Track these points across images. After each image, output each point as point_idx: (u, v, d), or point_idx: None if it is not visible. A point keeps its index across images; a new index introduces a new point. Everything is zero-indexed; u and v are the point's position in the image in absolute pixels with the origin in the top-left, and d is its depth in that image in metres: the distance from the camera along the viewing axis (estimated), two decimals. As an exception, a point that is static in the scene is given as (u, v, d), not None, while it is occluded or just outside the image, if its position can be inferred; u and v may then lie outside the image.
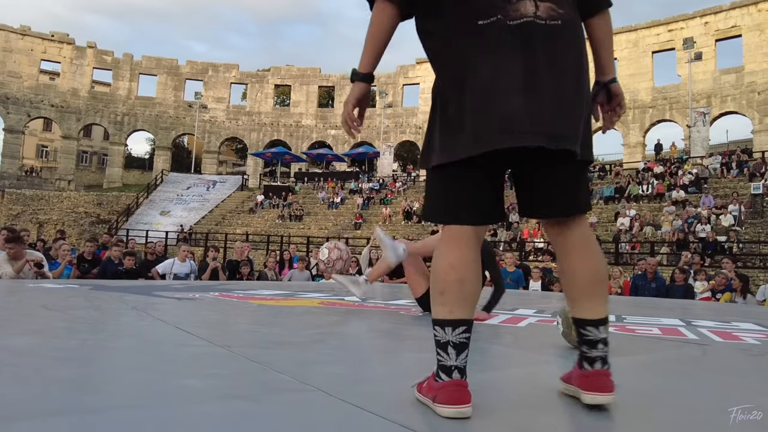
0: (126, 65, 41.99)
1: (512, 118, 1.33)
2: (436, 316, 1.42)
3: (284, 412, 1.33)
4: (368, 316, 3.76)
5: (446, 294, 1.40)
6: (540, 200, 1.47)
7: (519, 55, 1.34)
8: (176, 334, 2.54)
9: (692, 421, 1.46)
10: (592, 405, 1.42)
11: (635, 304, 6.35)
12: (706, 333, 3.44)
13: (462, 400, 1.34)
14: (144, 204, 33.27)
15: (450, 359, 1.37)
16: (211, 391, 1.50)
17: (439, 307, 1.41)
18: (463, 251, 1.43)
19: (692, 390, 1.78)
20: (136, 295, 4.65)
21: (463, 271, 1.41)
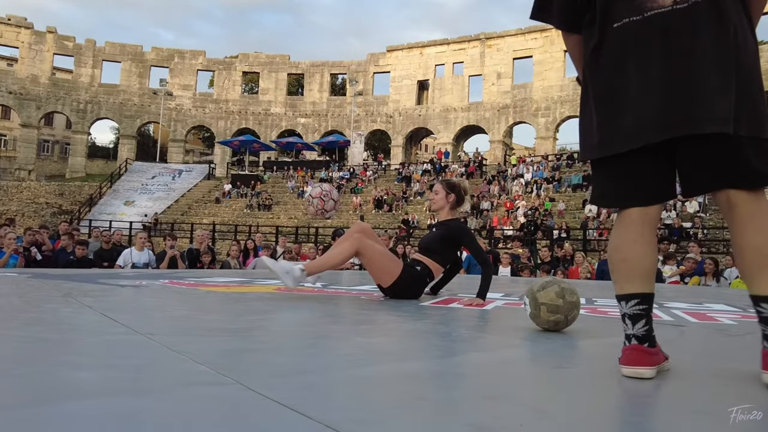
0: (88, 51, 40.60)
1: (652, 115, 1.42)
2: (615, 292, 1.56)
3: (181, 411, 1.06)
4: (324, 301, 3.49)
5: (614, 272, 1.55)
6: (693, 178, 1.50)
7: (653, 49, 1.43)
8: (97, 322, 2.23)
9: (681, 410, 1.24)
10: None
11: (604, 287, 6.21)
12: (681, 314, 3.28)
13: (639, 361, 1.46)
14: (107, 194, 32.34)
15: (628, 328, 1.51)
16: (102, 385, 1.22)
17: (614, 284, 1.56)
18: (627, 233, 1.53)
19: (669, 373, 1.56)
20: (78, 282, 4.30)
21: (625, 250, 1.52)
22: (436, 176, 29.10)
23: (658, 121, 1.41)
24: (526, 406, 1.20)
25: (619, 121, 1.47)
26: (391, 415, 1.09)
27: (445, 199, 3.92)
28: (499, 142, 36.91)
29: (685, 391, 1.42)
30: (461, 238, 3.86)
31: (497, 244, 18.11)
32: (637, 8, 1.45)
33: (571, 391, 1.39)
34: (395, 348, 1.91)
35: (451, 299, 3.72)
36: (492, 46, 37.90)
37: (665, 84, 1.41)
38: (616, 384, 1.46)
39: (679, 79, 1.40)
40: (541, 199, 22.26)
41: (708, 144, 1.41)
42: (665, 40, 1.42)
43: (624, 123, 1.46)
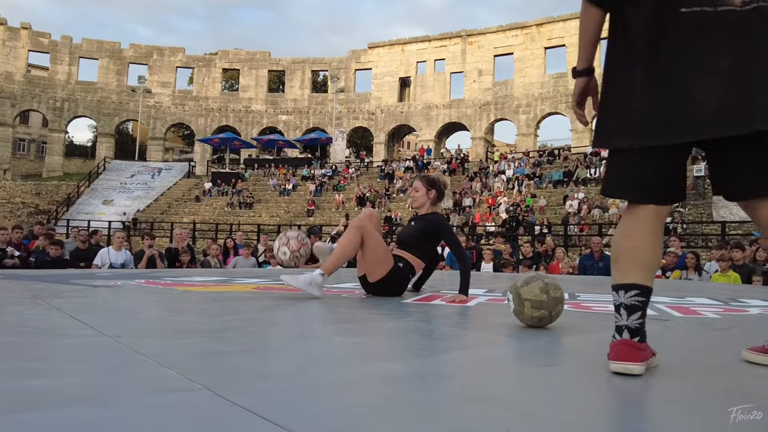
0: (65, 48, 39.85)
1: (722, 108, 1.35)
2: (612, 281, 1.51)
3: (142, 419, 0.97)
4: (304, 299, 3.40)
5: (619, 260, 1.50)
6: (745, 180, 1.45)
7: (725, 43, 1.36)
8: (63, 324, 2.13)
9: (667, 409, 1.19)
10: None
11: (585, 282, 6.21)
12: (664, 308, 3.26)
13: (629, 357, 1.41)
14: (85, 193, 31.80)
15: (621, 319, 1.46)
16: (57, 394, 1.13)
17: (614, 273, 1.51)
18: (639, 224, 1.49)
19: (656, 370, 1.52)
20: (49, 283, 4.16)
21: (637, 239, 1.48)
22: (419, 173, 29.08)
23: (730, 114, 1.35)
24: (512, 408, 1.14)
25: (678, 110, 1.39)
26: (368, 421, 1.02)
27: (426, 195, 3.86)
28: (480, 139, 36.99)
29: (674, 389, 1.36)
30: (440, 232, 3.80)
31: (479, 240, 18.12)
32: (710, 0, 1.39)
33: (559, 390, 1.33)
34: (375, 348, 1.84)
35: (434, 296, 3.66)
36: (473, 43, 37.95)
37: (738, 77, 1.35)
38: (605, 382, 1.41)
39: (753, 74, 1.35)
40: (523, 196, 22.34)
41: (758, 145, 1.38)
42: (738, 34, 1.37)
43: (685, 113, 1.39)
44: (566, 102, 34.73)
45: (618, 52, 1.52)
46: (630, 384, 1.39)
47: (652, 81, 1.43)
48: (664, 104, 1.41)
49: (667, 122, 1.40)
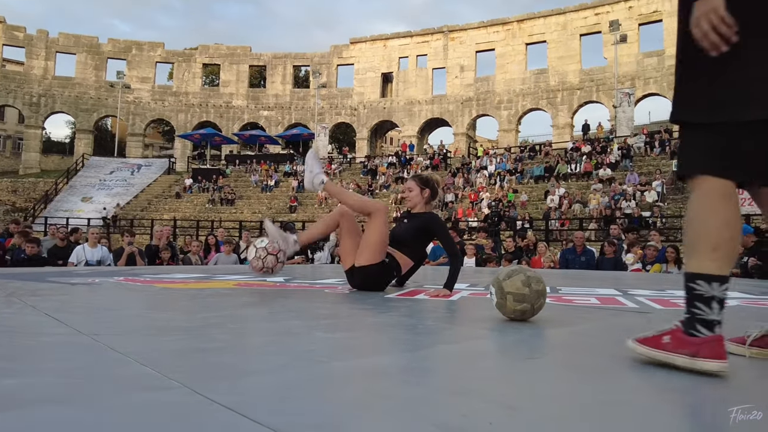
0: (41, 42, 39.14)
1: None
2: (704, 270, 1.35)
3: (118, 420, 0.95)
4: (287, 295, 3.37)
5: (719, 250, 1.35)
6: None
7: None
8: (37, 322, 2.08)
9: (649, 396, 1.19)
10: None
11: (567, 276, 6.25)
12: (645, 301, 3.28)
13: (724, 354, 1.32)
14: (64, 190, 31.31)
15: (713, 313, 1.34)
16: (30, 393, 1.10)
17: (708, 263, 1.35)
18: (735, 209, 1.36)
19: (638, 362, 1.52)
20: (25, 281, 4.08)
21: (735, 229, 1.37)
22: (402, 169, 29.08)
23: None
24: (496, 402, 1.13)
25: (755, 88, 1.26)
26: (350, 417, 1.00)
27: (420, 195, 3.87)
28: (462, 135, 37.10)
29: (660, 379, 1.37)
30: (435, 229, 3.81)
31: (462, 235, 18.18)
32: None
33: (542, 383, 1.33)
34: (358, 343, 1.83)
35: (417, 291, 3.65)
36: (455, 39, 38.01)
37: None
38: (589, 375, 1.41)
39: None
40: (505, 191, 22.46)
41: None
42: None
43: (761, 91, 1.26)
44: (547, 98, 34.99)
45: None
46: (614, 377, 1.40)
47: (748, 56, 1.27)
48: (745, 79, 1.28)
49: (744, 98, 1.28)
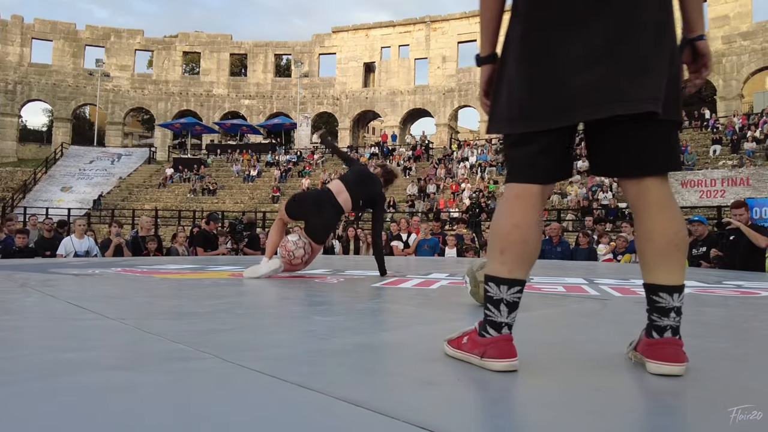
0: (16, 28, 38.45)
1: (574, 94, 1.33)
2: (493, 273, 1.41)
3: (173, 380, 1.23)
4: (280, 285, 3.66)
5: (506, 253, 1.40)
6: (611, 160, 1.44)
7: (589, 23, 1.32)
8: (65, 309, 2.34)
9: (588, 365, 1.50)
10: (657, 374, 1.36)
11: (542, 266, 6.61)
12: (607, 289, 3.62)
13: (511, 353, 1.37)
14: (43, 180, 31.00)
15: (501, 316, 1.39)
16: (92, 363, 1.38)
17: (497, 266, 1.40)
18: (527, 212, 1.42)
19: (592, 338, 1.84)
20: (28, 272, 4.30)
21: (527, 232, 1.40)
22: (384, 159, 29.34)
23: (592, 98, 1.32)
24: (463, 367, 1.44)
25: (547, 95, 1.36)
26: (352, 376, 1.30)
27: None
28: (444, 126, 37.45)
29: (590, 352, 1.68)
30: (377, 200, 4.52)
31: (444, 226, 18.55)
32: None
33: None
34: (351, 324, 2.12)
35: (401, 280, 3.96)
36: (437, 30, 38.24)
37: (599, 58, 1.32)
38: (540, 348, 1.72)
39: (614, 55, 1.31)
40: (486, 182, 22.86)
41: (633, 125, 1.36)
42: (602, 11, 1.32)
43: (554, 98, 1.35)
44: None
45: (509, 35, 1.46)
46: (559, 349, 1.71)
47: (525, 67, 1.39)
48: (537, 90, 1.37)
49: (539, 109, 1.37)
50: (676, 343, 1.38)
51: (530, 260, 1.43)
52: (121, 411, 1.01)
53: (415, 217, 11.62)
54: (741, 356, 1.71)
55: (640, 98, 1.31)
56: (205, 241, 8.96)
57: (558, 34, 1.35)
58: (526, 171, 1.43)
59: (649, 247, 1.41)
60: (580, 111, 1.34)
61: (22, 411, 1.01)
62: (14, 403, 1.06)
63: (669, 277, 1.38)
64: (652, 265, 1.40)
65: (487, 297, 1.42)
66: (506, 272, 1.39)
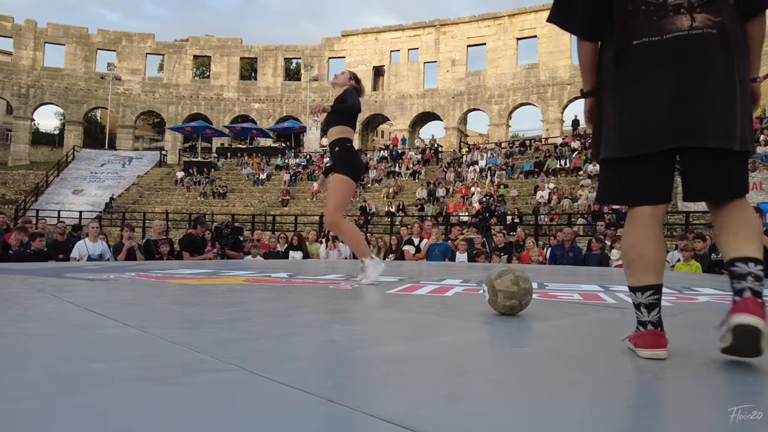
0: (29, 33, 38.89)
1: (664, 125, 1.60)
2: (629, 284, 1.74)
3: (202, 392, 1.24)
4: (295, 291, 3.67)
5: (631, 267, 1.71)
6: (698, 186, 1.69)
7: (672, 68, 1.60)
8: (85, 316, 2.36)
9: (613, 379, 1.49)
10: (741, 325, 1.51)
11: (555, 272, 6.59)
12: (624, 297, 3.59)
13: (657, 344, 1.66)
14: (55, 183, 31.27)
15: (643, 316, 1.69)
16: (121, 374, 1.38)
17: (629, 277, 1.73)
18: (640, 230, 1.70)
19: (611, 350, 1.82)
20: (44, 277, 4.33)
21: (642, 248, 1.69)
22: (393, 163, 29.36)
23: (676, 130, 1.59)
24: (488, 380, 1.43)
25: (643, 126, 1.63)
26: (380, 389, 1.30)
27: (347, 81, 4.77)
28: (454, 129, 37.43)
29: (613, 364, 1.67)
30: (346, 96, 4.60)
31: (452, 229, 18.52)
32: (657, 30, 1.62)
33: (526, 366, 1.63)
34: (371, 334, 2.12)
35: (415, 287, 3.95)
36: (446, 33, 38.25)
37: (683, 98, 1.58)
38: (561, 360, 1.71)
39: (694, 95, 1.58)
40: (495, 186, 22.81)
41: (713, 156, 1.60)
42: (683, 59, 1.59)
43: (649, 128, 1.61)
44: (538, 93, 35.36)
45: (603, 76, 1.77)
46: (584, 361, 1.70)
47: (624, 102, 1.67)
48: (633, 121, 1.65)
49: (636, 137, 1.64)
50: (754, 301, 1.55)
51: (654, 268, 1.69)
52: (154, 426, 1.01)
53: (426, 222, 11.61)
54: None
55: (724, 135, 1.57)
56: (192, 245, 8.97)
57: (652, 75, 1.63)
58: (633, 195, 1.72)
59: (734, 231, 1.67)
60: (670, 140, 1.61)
61: (47, 428, 1.01)
62: (39, 418, 1.06)
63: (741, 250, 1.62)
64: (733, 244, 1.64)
65: (633, 303, 1.74)
66: (636, 281, 1.70)
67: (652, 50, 1.63)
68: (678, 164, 1.71)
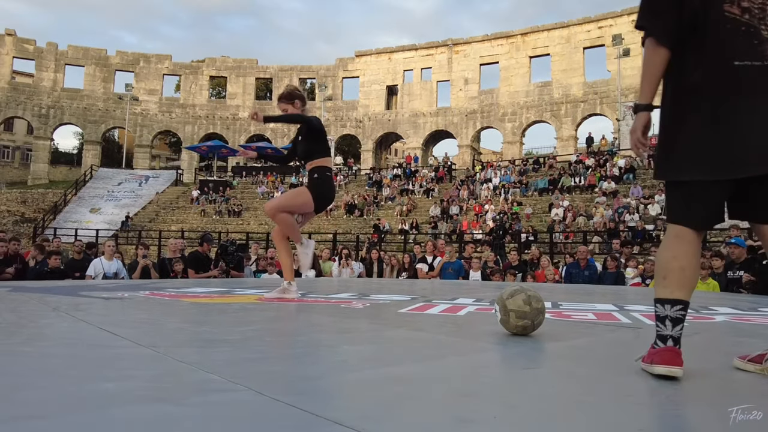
0: (50, 55, 39.80)
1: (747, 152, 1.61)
2: (659, 295, 1.72)
3: (209, 414, 1.24)
4: (307, 310, 3.67)
5: (668, 279, 1.70)
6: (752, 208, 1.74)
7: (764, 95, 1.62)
8: (98, 335, 2.37)
9: (626, 401, 1.46)
10: None
11: (570, 291, 6.52)
12: (638, 317, 3.54)
13: (674, 362, 1.62)
14: (72, 201, 31.73)
15: (666, 329, 1.67)
16: (130, 394, 1.39)
17: (661, 289, 1.71)
18: (686, 245, 1.71)
19: (625, 371, 1.80)
20: (60, 295, 4.37)
21: (684, 260, 1.70)
22: (407, 181, 29.41)
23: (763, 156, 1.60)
24: (499, 402, 1.41)
25: (743, 150, 1.62)
26: (389, 411, 1.29)
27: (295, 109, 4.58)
28: (467, 147, 37.47)
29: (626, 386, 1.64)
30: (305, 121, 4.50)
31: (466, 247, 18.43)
32: (760, 55, 1.62)
33: (538, 388, 1.61)
34: (381, 354, 2.11)
35: (427, 306, 3.93)
36: (459, 52, 38.48)
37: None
38: (574, 381, 1.69)
39: None
40: (509, 204, 22.72)
41: None
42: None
43: (734, 153, 1.62)
44: (551, 110, 35.35)
45: (681, 91, 1.73)
46: (598, 382, 1.68)
47: (712, 124, 1.65)
48: (718, 144, 1.63)
49: (727, 160, 1.63)
50: None
51: (690, 284, 1.70)
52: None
53: (440, 240, 11.58)
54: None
55: None
56: (197, 262, 9.00)
57: (755, 100, 1.63)
58: (687, 215, 1.72)
59: None
60: (752, 166, 1.61)
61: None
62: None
63: None
64: None
65: (656, 315, 1.72)
66: (668, 293, 1.68)
67: (754, 74, 1.63)
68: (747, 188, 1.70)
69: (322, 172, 4.47)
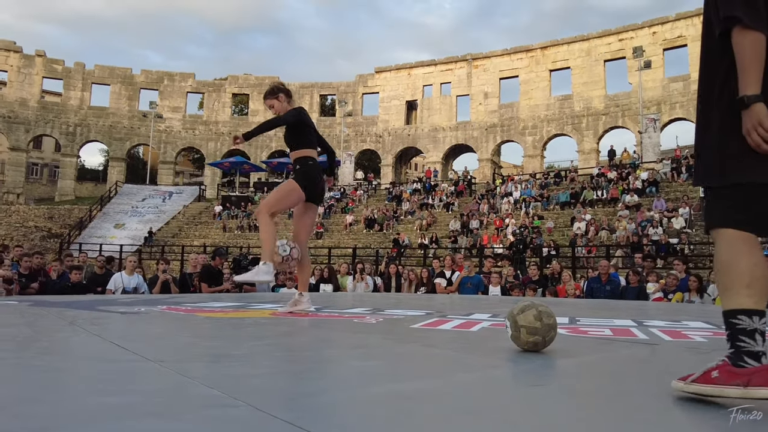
0: (78, 74, 40.82)
1: None
2: (743, 306, 1.50)
3: (203, 429, 1.23)
4: (319, 325, 3.66)
5: (753, 287, 1.51)
6: None
7: None
8: (108, 350, 2.39)
9: (635, 419, 1.42)
10: None
11: (590, 306, 6.41)
12: (657, 332, 3.46)
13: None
14: (97, 217, 32.30)
15: (758, 345, 1.46)
16: (131, 409, 1.39)
17: (745, 299, 1.50)
18: (758, 252, 1.57)
19: (633, 389, 1.75)
20: (78, 310, 4.44)
21: (765, 269, 1.54)
22: (426, 195, 29.37)
23: None
24: (500, 420, 1.38)
25: None
26: (388, 429, 1.27)
27: (281, 103, 4.77)
28: (487, 161, 37.35)
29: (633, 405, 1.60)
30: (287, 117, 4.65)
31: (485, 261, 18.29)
32: None
33: (542, 407, 1.57)
34: (388, 370, 2.09)
35: (441, 321, 3.89)
36: (478, 67, 38.52)
37: None
38: (584, 398, 1.65)
39: None
40: (530, 217, 22.53)
41: None
42: None
43: None
44: (572, 123, 35.11)
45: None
46: (601, 400, 1.63)
47: None
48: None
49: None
50: None
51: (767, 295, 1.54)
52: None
53: (458, 255, 11.51)
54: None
55: None
56: (210, 276, 9.03)
57: None
58: (752, 220, 1.57)
59: None
60: None
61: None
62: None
63: None
64: None
65: (738, 329, 1.49)
66: (754, 304, 1.49)
67: None
68: None
69: (305, 162, 4.73)
